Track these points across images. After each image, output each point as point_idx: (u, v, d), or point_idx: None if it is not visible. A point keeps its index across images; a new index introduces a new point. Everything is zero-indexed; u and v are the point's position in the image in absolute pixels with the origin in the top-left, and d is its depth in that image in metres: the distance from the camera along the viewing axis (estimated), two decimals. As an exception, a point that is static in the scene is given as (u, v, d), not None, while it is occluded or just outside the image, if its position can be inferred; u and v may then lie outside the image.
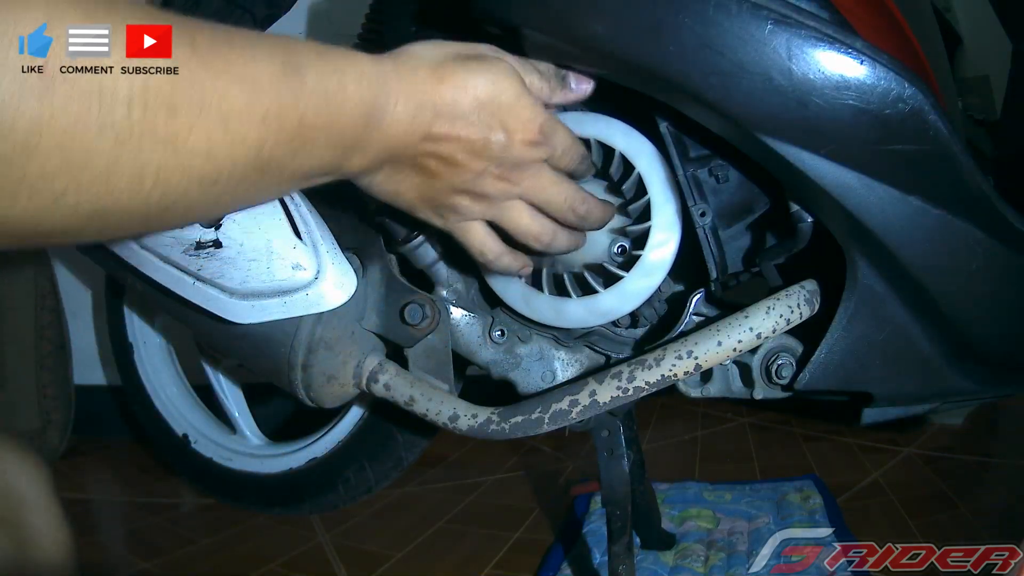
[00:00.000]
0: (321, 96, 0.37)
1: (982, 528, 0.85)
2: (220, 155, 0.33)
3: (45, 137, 0.27)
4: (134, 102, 0.29)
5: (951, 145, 0.45)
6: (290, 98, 0.35)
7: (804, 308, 0.53)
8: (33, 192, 0.28)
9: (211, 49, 0.32)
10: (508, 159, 0.46)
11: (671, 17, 0.45)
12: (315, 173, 0.40)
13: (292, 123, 0.35)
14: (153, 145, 0.30)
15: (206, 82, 0.31)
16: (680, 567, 0.81)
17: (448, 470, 1.22)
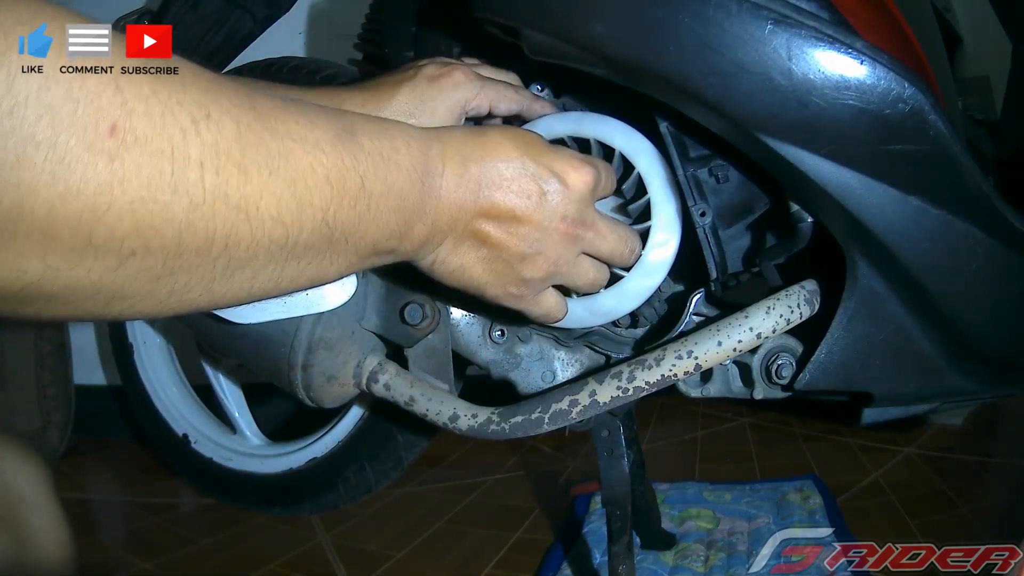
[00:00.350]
0: (378, 158, 0.37)
1: (982, 528, 0.85)
2: (288, 219, 0.32)
3: (117, 199, 0.26)
4: (206, 164, 0.29)
5: (951, 145, 0.45)
6: (350, 160, 0.35)
7: (804, 308, 0.53)
8: (99, 255, 0.27)
9: (271, 113, 0.32)
10: (571, 206, 0.45)
11: (671, 17, 0.45)
12: (381, 246, 0.39)
13: (354, 185, 0.36)
14: (226, 209, 0.30)
15: (272, 144, 0.31)
16: (680, 567, 0.81)
17: (448, 470, 1.22)
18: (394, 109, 0.53)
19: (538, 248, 0.45)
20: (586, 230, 0.47)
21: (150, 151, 0.27)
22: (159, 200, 0.27)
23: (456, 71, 0.54)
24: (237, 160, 0.30)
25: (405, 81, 0.54)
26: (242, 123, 0.30)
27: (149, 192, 0.27)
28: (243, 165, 0.30)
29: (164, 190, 0.27)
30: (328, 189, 0.34)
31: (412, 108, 0.53)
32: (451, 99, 0.54)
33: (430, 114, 0.53)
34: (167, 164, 0.27)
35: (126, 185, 0.26)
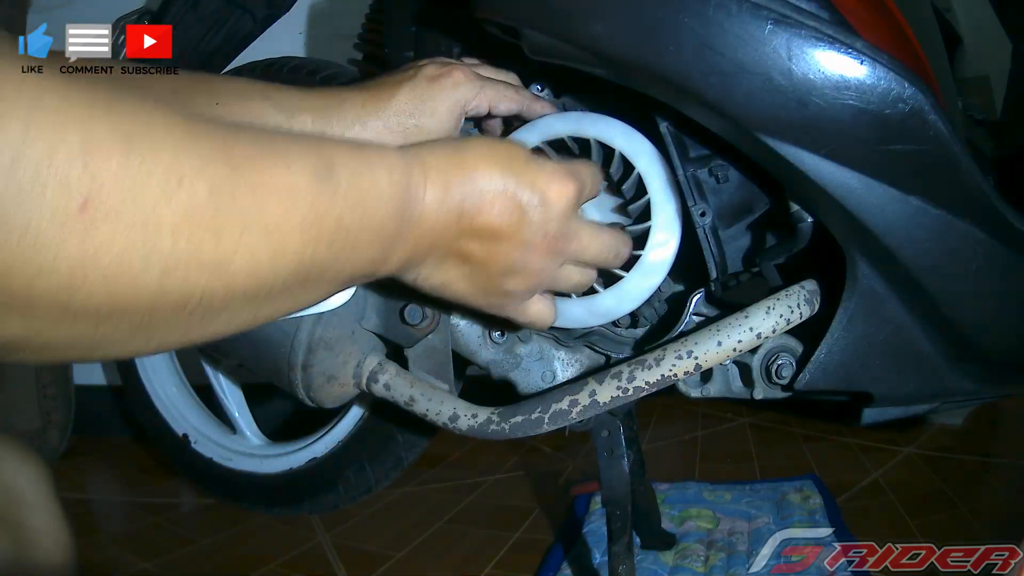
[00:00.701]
0: (356, 195, 0.37)
1: (982, 528, 0.85)
2: (263, 270, 0.33)
3: (90, 273, 0.27)
4: (179, 231, 0.29)
5: (951, 145, 0.45)
6: (326, 202, 0.35)
7: (804, 308, 0.53)
8: (77, 318, 0.28)
9: (247, 163, 0.32)
10: (552, 222, 0.45)
11: (671, 17, 0.45)
12: (358, 274, 0.40)
13: (330, 226, 0.35)
14: (199, 271, 0.30)
15: (246, 199, 0.31)
16: (680, 567, 0.81)
17: (448, 470, 1.22)
18: (394, 109, 0.53)
19: (522, 264, 0.45)
20: (568, 243, 0.47)
21: (122, 225, 0.27)
22: (132, 271, 0.28)
23: (456, 71, 0.54)
24: (210, 223, 0.30)
25: (405, 81, 0.54)
26: (215, 181, 0.30)
27: (121, 265, 0.27)
28: (216, 227, 0.30)
29: (136, 260, 0.28)
30: (303, 235, 0.34)
31: (412, 108, 0.53)
32: (451, 99, 0.54)
33: (430, 114, 0.53)
34: (139, 235, 0.27)
35: (99, 260, 0.27)
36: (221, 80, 0.55)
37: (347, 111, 0.53)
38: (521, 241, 0.44)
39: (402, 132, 0.53)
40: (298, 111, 0.53)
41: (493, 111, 0.57)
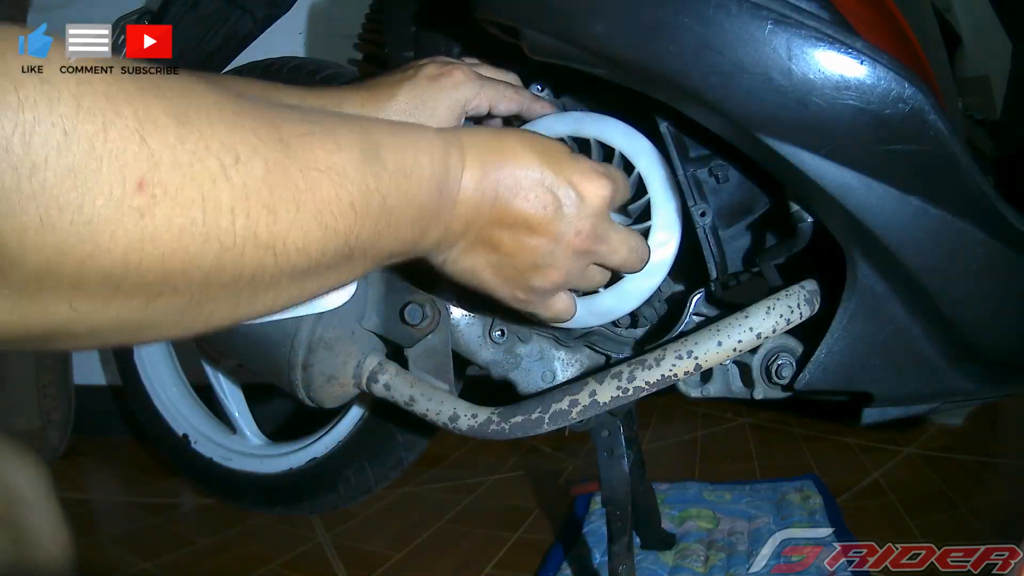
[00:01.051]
0: (400, 176, 0.37)
1: (982, 528, 0.85)
2: (313, 249, 0.33)
3: (147, 254, 0.26)
4: (237, 209, 0.28)
5: (951, 145, 0.45)
6: (373, 183, 0.35)
7: (804, 308, 0.53)
8: (128, 298, 0.27)
9: (298, 142, 0.32)
10: (585, 220, 0.45)
11: (671, 17, 0.45)
12: (397, 252, 0.40)
13: (376, 207, 0.36)
14: (255, 250, 0.30)
15: (299, 179, 0.31)
16: (680, 567, 0.81)
17: (448, 470, 1.22)
18: (394, 109, 0.53)
19: (550, 260, 0.45)
20: (599, 244, 0.46)
21: (180, 203, 0.26)
22: (190, 249, 0.27)
23: (456, 71, 0.54)
24: (266, 201, 0.30)
25: (405, 81, 0.54)
26: (270, 160, 0.30)
27: (180, 243, 0.27)
28: (272, 205, 0.30)
29: (195, 239, 0.27)
30: (352, 214, 0.34)
31: (412, 108, 0.53)
32: (451, 99, 0.54)
33: (430, 114, 0.53)
34: (198, 214, 0.27)
35: (157, 240, 0.26)
36: (220, 79, 0.55)
37: (346, 111, 0.53)
38: (553, 235, 0.44)
39: (402, 132, 0.53)
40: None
41: (493, 111, 0.57)
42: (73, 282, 0.25)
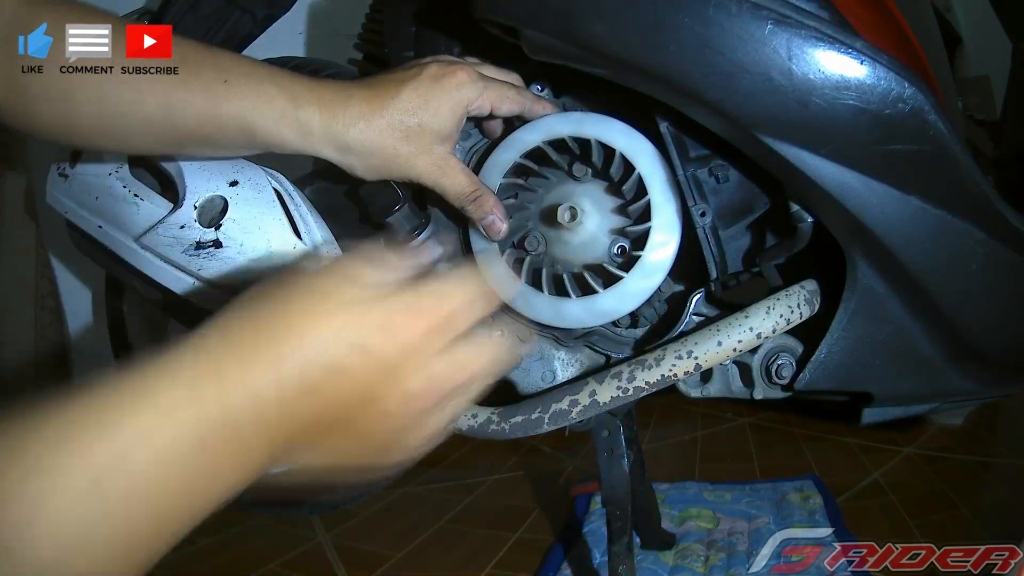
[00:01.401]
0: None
1: (982, 528, 0.85)
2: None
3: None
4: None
5: (951, 145, 0.45)
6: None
7: (804, 308, 0.53)
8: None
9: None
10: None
11: (671, 17, 0.45)
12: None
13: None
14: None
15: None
16: (680, 567, 0.81)
17: (448, 470, 1.22)
18: (398, 108, 0.53)
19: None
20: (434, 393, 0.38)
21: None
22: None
23: (460, 71, 0.54)
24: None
25: (409, 80, 0.54)
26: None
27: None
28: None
29: None
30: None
31: (415, 107, 0.53)
32: (454, 99, 0.54)
33: (432, 113, 0.53)
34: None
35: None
36: (230, 56, 0.53)
37: (352, 107, 0.53)
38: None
39: (404, 131, 0.53)
40: (307, 102, 0.52)
41: (495, 112, 0.57)
42: None
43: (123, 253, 0.64)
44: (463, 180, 0.56)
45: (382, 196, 0.58)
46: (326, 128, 0.52)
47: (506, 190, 0.60)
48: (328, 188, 0.67)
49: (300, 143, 0.53)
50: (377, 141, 0.53)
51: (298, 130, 0.52)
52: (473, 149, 0.65)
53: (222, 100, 0.51)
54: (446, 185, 0.55)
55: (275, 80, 0.52)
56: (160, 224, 0.61)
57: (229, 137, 0.53)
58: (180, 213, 0.61)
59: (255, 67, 0.53)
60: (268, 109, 0.51)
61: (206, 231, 0.60)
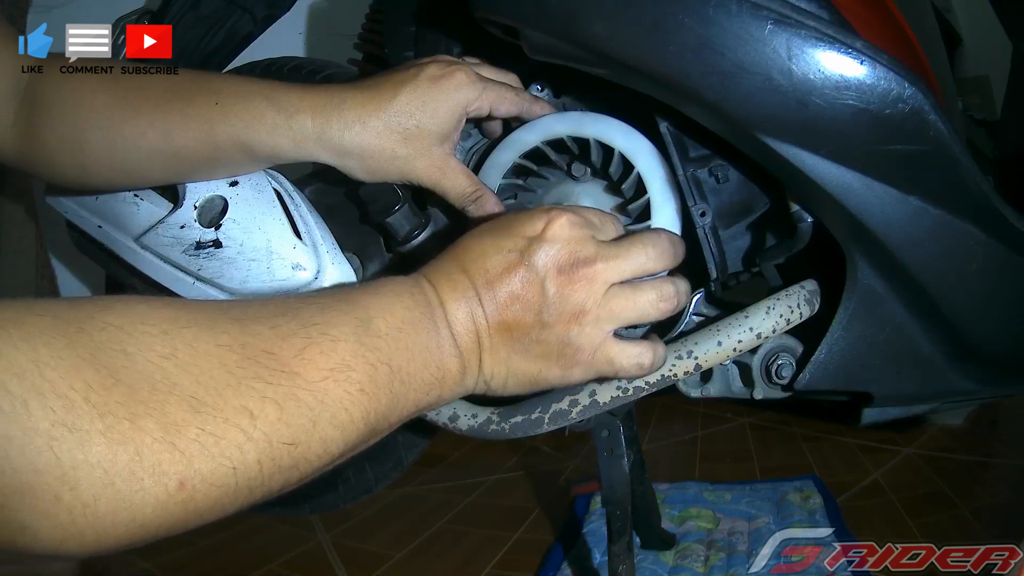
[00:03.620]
0: (396, 335, 0.39)
1: (982, 528, 0.85)
2: (335, 448, 0.35)
3: (188, 522, 0.30)
4: (263, 460, 0.31)
5: (951, 145, 0.45)
6: (374, 357, 0.37)
7: (804, 308, 0.53)
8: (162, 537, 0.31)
9: (298, 359, 0.34)
10: (560, 255, 0.44)
11: (671, 17, 0.45)
12: (424, 401, 0.41)
13: (385, 377, 0.37)
14: (280, 474, 0.33)
15: (309, 399, 0.34)
16: (680, 567, 0.81)
17: (448, 470, 1.22)
18: (395, 109, 0.53)
19: (555, 309, 0.44)
20: (591, 266, 0.44)
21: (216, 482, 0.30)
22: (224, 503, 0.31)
23: (458, 72, 0.54)
24: (286, 438, 0.32)
25: (407, 81, 0.54)
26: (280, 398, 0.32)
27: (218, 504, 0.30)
28: (291, 437, 0.33)
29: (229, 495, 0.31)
30: (364, 398, 0.36)
31: (413, 109, 0.53)
32: (452, 100, 0.54)
33: (431, 115, 0.53)
34: (231, 479, 0.30)
35: (199, 512, 0.30)
36: (220, 79, 0.55)
37: (347, 111, 0.53)
38: (538, 288, 0.44)
39: (402, 133, 0.53)
40: (297, 111, 0.53)
41: (493, 113, 0.57)
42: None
43: (123, 253, 0.64)
44: (463, 181, 0.56)
45: (382, 196, 0.58)
46: (320, 134, 0.53)
47: (506, 190, 0.60)
48: (328, 188, 0.67)
49: (296, 151, 0.54)
50: (375, 143, 0.53)
51: (292, 139, 0.53)
52: (473, 149, 0.65)
53: (216, 122, 0.53)
54: (446, 186, 0.55)
55: (264, 94, 0.53)
56: (160, 224, 0.61)
57: (229, 156, 0.55)
58: (180, 213, 0.61)
59: (245, 84, 0.54)
60: (260, 123, 0.53)
61: (206, 231, 0.60)
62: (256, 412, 0.31)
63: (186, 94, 0.53)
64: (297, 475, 0.34)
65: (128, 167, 0.55)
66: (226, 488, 0.30)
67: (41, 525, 0.26)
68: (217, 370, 0.31)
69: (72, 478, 0.26)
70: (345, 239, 0.64)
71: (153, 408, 0.29)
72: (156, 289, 0.63)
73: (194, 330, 0.32)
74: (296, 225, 0.61)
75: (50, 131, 0.53)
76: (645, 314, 0.46)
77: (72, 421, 0.26)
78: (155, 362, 0.30)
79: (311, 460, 0.34)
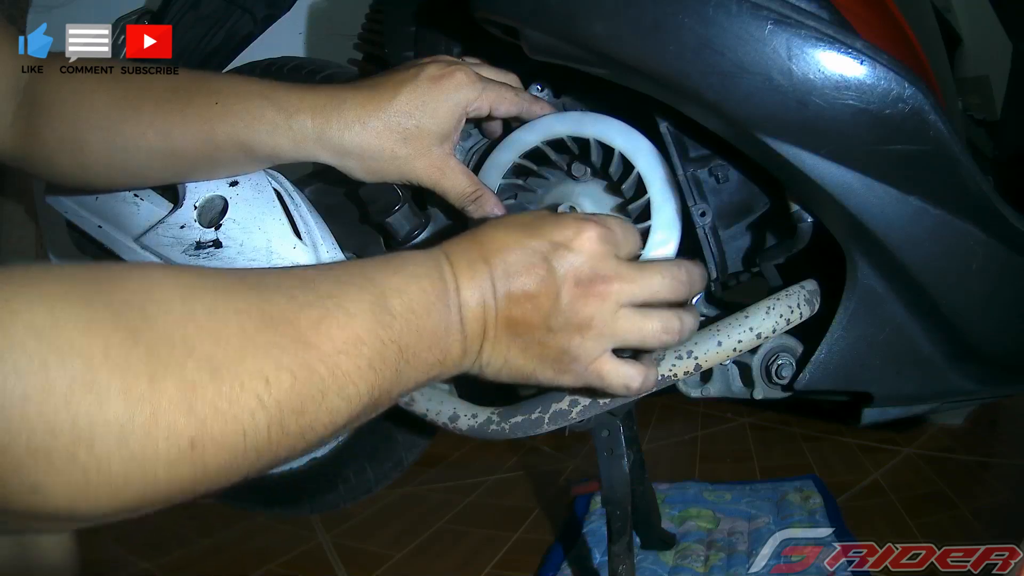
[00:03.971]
0: (409, 316, 0.39)
1: (982, 528, 0.85)
2: (341, 418, 0.36)
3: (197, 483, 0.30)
4: (272, 426, 0.31)
5: (951, 145, 0.45)
6: (386, 334, 0.37)
7: (804, 308, 0.53)
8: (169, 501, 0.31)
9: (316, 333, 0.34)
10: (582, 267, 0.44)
11: (671, 17, 0.45)
12: (423, 379, 0.42)
13: (393, 356, 0.38)
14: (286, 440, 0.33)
15: (322, 371, 0.34)
16: (680, 567, 0.81)
17: (448, 470, 1.22)
18: (395, 109, 0.53)
19: (563, 317, 0.44)
20: (608, 284, 0.44)
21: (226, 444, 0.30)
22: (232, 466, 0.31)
23: (458, 72, 0.54)
24: (296, 407, 0.32)
25: (407, 81, 0.54)
26: (295, 367, 0.33)
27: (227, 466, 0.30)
28: (300, 407, 0.33)
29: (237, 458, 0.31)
30: (372, 373, 0.36)
31: (413, 109, 0.53)
32: (452, 100, 0.54)
33: (430, 115, 0.53)
34: (240, 442, 0.30)
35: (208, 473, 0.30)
36: (220, 79, 0.55)
37: (347, 111, 0.53)
38: (554, 294, 0.44)
39: (402, 133, 0.53)
40: (297, 111, 0.53)
41: (493, 113, 0.57)
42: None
43: (123, 253, 0.64)
44: (463, 181, 0.56)
45: (382, 196, 0.58)
46: (319, 134, 0.53)
47: (506, 190, 0.60)
48: (328, 188, 0.67)
49: (296, 151, 0.54)
50: (375, 143, 0.53)
51: (292, 139, 0.53)
52: (473, 149, 0.65)
53: (216, 122, 0.53)
54: (446, 186, 0.56)
55: (264, 94, 0.53)
56: (160, 224, 0.61)
57: (229, 156, 0.55)
58: (180, 213, 0.61)
59: (244, 84, 0.54)
60: (259, 123, 0.53)
61: (206, 231, 0.60)
62: (272, 379, 0.31)
63: (186, 94, 0.53)
64: (303, 444, 0.34)
65: (128, 167, 0.55)
66: (235, 451, 0.30)
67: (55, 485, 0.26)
68: (236, 334, 0.31)
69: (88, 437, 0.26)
70: (345, 239, 0.64)
71: (172, 369, 0.28)
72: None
73: (213, 295, 0.32)
74: (296, 225, 0.61)
75: (50, 131, 0.53)
76: (646, 342, 0.47)
77: (90, 379, 0.26)
78: (174, 324, 0.30)
79: (317, 430, 0.34)
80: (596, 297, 0.44)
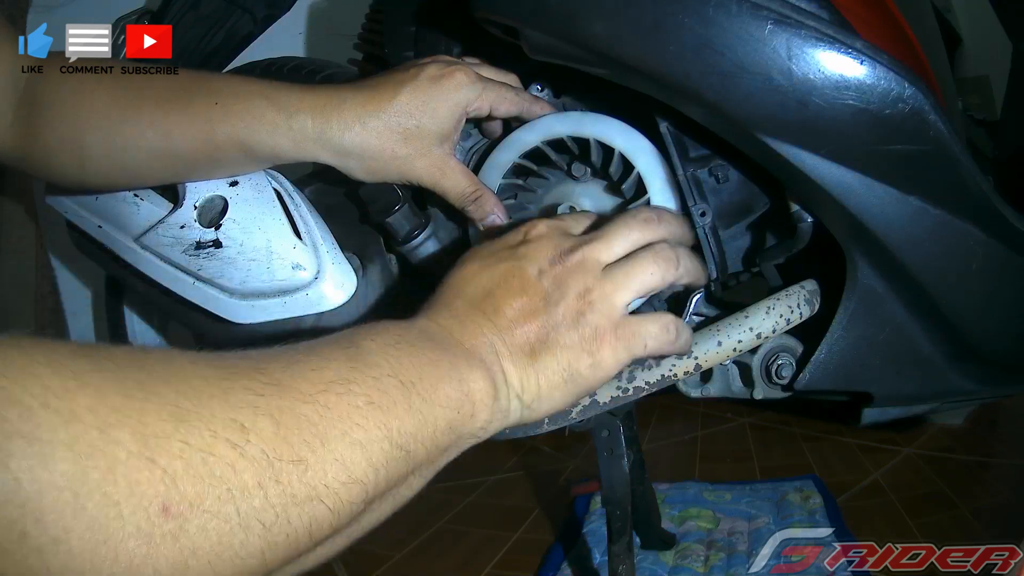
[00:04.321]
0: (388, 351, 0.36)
1: (982, 528, 0.85)
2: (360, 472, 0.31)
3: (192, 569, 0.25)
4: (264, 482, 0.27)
5: (951, 145, 0.45)
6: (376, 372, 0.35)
7: (804, 308, 0.53)
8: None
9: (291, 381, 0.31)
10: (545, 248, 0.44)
11: (671, 17, 0.45)
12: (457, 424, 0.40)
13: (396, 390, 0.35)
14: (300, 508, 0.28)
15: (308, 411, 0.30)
16: (680, 567, 0.81)
17: (448, 470, 1.21)
18: (395, 109, 0.53)
19: (557, 295, 0.43)
20: (576, 251, 0.44)
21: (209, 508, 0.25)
22: (234, 546, 0.26)
23: (458, 72, 0.54)
24: (288, 455, 0.28)
25: (407, 81, 0.54)
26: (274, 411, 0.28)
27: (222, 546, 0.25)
28: (296, 455, 0.28)
29: (236, 534, 0.26)
30: (377, 411, 0.33)
31: (413, 109, 0.53)
32: (452, 100, 0.54)
33: (431, 115, 0.53)
34: (229, 506, 0.26)
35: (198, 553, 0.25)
36: (220, 79, 0.55)
37: (347, 111, 0.53)
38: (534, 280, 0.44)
39: (402, 133, 0.53)
40: (297, 111, 0.53)
41: (493, 113, 0.57)
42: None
43: (123, 253, 0.64)
44: (463, 181, 0.56)
45: (382, 196, 0.58)
46: (320, 134, 0.53)
47: (506, 191, 0.60)
48: (328, 188, 0.67)
49: (296, 151, 0.54)
50: (375, 143, 0.53)
51: (292, 139, 0.53)
52: (473, 149, 0.65)
53: (216, 122, 0.53)
54: (446, 186, 0.56)
55: (264, 94, 0.53)
56: (160, 224, 0.61)
57: (229, 156, 0.55)
58: (180, 213, 0.61)
59: (244, 84, 0.54)
60: (260, 123, 0.53)
61: (206, 231, 0.60)
62: (248, 425, 0.27)
63: (186, 94, 0.53)
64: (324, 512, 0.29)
65: (128, 167, 0.55)
66: (226, 519, 0.25)
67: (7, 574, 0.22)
68: (198, 381, 0.27)
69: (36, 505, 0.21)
70: (345, 239, 0.64)
71: (127, 416, 0.24)
72: (156, 289, 0.63)
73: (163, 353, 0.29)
74: (296, 225, 0.61)
75: (50, 131, 0.53)
76: (646, 283, 0.45)
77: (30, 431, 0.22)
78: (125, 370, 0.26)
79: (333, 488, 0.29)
80: (575, 266, 0.44)
